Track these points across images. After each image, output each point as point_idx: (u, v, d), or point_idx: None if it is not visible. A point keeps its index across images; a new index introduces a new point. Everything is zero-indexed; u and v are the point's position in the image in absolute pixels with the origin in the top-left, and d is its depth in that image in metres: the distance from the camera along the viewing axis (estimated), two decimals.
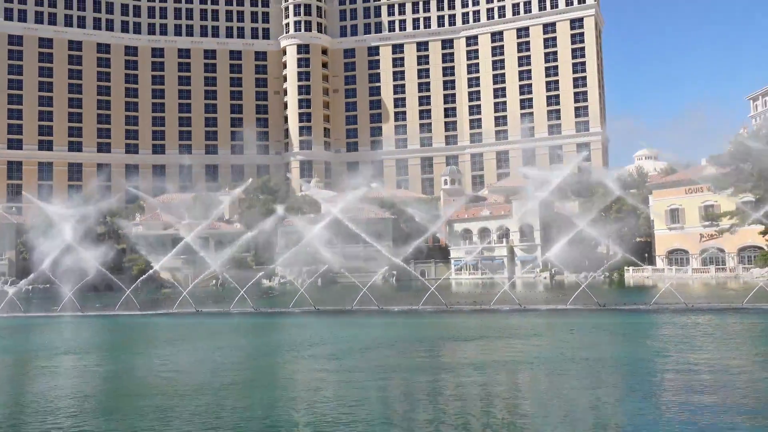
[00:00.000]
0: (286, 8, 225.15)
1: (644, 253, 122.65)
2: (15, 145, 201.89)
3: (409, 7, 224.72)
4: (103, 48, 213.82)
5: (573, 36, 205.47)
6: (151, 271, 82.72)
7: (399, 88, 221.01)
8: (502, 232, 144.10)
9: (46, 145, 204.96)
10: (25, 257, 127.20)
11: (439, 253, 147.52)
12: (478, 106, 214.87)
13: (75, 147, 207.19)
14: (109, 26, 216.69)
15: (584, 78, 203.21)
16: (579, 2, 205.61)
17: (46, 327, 61.45)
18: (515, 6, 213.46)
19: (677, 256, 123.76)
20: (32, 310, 73.15)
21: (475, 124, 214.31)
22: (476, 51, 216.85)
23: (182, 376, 33.55)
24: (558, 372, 31.86)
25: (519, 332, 48.18)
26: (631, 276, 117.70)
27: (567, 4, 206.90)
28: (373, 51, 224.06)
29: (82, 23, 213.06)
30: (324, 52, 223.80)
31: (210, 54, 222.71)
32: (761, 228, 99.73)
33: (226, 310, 68.03)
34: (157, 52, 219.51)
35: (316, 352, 40.81)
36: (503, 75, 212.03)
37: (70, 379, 33.70)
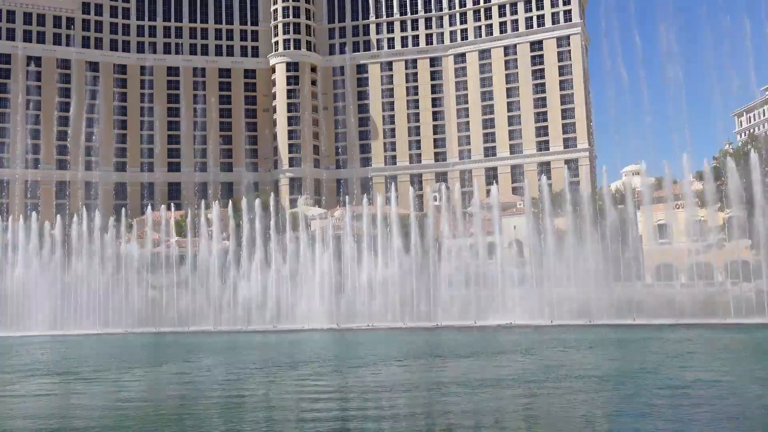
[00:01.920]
0: (275, 27, 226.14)
1: (633, 267, 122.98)
2: (1, 163, 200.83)
3: (397, 25, 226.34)
4: (92, 66, 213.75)
5: (560, 53, 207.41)
6: None
7: (388, 105, 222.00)
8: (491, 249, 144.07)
9: (32, 164, 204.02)
10: None
11: (428, 269, 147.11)
12: (467, 123, 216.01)
13: (62, 165, 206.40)
14: (98, 45, 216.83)
15: (571, 95, 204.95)
16: (565, 21, 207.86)
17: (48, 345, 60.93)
18: (502, 24, 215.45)
19: (666, 271, 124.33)
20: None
21: (464, 140, 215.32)
22: (464, 68, 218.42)
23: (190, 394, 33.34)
24: (548, 390, 31.91)
25: (510, 348, 48.22)
26: (621, 291, 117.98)
27: (553, 23, 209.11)
28: (362, 68, 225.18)
29: (71, 42, 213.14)
30: (313, 69, 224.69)
31: (199, 72, 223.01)
32: (748, 243, 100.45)
33: (214, 328, 67.73)
34: (146, 70, 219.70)
35: (308, 370, 40.65)
36: (491, 92, 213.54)
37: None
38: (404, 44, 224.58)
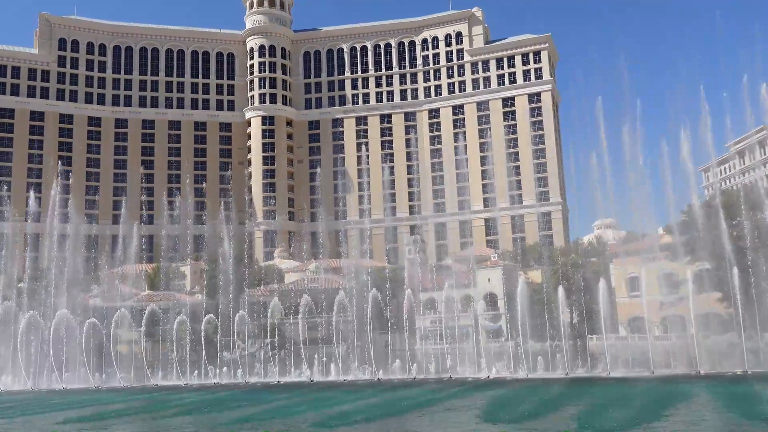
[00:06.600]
0: (252, 81, 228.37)
1: (606, 320, 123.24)
2: None
3: (372, 81, 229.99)
4: (66, 118, 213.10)
5: (531, 110, 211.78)
6: None
7: (363, 159, 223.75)
8: (466, 302, 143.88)
9: (0, 215, 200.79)
10: None
11: (403, 322, 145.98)
12: (441, 177, 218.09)
13: (33, 217, 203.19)
14: (73, 97, 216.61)
15: (543, 150, 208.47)
16: (536, 78, 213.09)
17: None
18: (475, 81, 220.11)
19: (639, 324, 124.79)
20: None
21: (439, 194, 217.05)
22: (438, 123, 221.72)
23: None
24: None
25: (487, 404, 47.67)
26: (595, 344, 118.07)
27: (525, 80, 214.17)
28: (338, 123, 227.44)
29: (45, 94, 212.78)
30: (289, 123, 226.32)
31: (174, 125, 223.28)
32: (719, 295, 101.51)
33: (185, 383, 66.18)
34: (121, 123, 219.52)
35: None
36: (465, 146, 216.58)
37: None
38: (379, 99, 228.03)
